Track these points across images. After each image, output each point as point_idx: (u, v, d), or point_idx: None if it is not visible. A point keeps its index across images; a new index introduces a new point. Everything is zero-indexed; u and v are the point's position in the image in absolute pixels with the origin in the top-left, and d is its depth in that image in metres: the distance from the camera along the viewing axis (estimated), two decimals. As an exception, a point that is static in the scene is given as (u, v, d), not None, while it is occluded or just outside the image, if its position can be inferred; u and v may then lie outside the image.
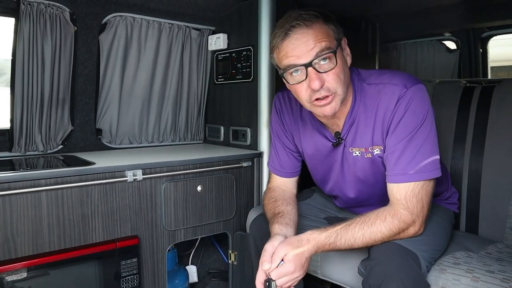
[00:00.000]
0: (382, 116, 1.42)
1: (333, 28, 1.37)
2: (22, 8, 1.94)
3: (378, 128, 1.44)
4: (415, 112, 1.36)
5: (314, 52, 1.32)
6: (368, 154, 1.49)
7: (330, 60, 1.34)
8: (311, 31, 1.33)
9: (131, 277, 1.84)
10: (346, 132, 1.52)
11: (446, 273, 1.39)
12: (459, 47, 3.29)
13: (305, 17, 1.33)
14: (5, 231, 1.55)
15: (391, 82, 1.41)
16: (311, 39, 1.33)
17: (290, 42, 1.34)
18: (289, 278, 1.32)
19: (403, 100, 1.37)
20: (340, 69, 1.36)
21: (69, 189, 1.68)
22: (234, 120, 2.51)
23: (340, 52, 1.38)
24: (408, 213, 1.34)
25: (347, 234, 1.34)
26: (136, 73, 2.41)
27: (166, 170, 1.92)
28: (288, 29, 1.34)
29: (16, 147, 2.06)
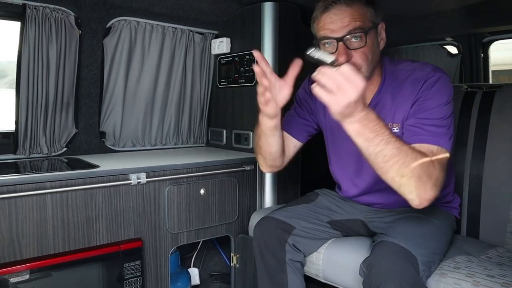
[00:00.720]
0: (408, 96, 1.50)
1: (371, 11, 1.46)
2: (28, 12, 1.96)
3: (401, 106, 1.52)
4: (440, 90, 1.44)
5: (348, 29, 1.42)
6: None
7: (361, 39, 1.43)
8: (349, 10, 1.43)
9: (134, 279, 1.86)
10: (373, 106, 1.57)
11: (446, 277, 1.41)
12: (460, 52, 3.30)
13: None
14: (10, 233, 1.57)
15: (421, 69, 1.51)
16: (348, 17, 1.42)
17: (328, 16, 1.45)
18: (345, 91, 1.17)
19: (431, 80, 1.46)
20: (369, 49, 1.45)
21: (73, 191, 1.69)
22: (236, 124, 2.52)
23: (373, 34, 1.47)
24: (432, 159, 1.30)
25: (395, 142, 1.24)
26: (139, 76, 2.43)
27: (169, 174, 1.94)
28: (330, 4, 1.44)
29: (21, 150, 2.08)
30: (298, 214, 1.75)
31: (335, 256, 1.71)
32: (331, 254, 1.73)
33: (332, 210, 1.86)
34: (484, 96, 1.98)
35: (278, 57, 2.28)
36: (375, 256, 1.35)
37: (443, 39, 3.37)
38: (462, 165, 1.95)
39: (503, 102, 1.91)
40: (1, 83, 3.93)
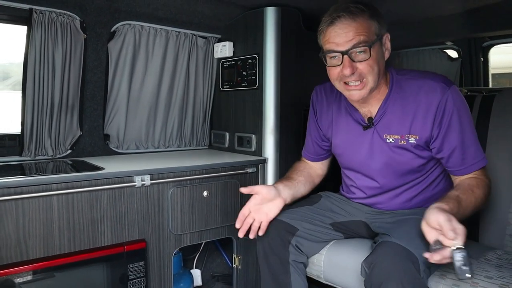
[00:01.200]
0: (425, 108, 1.56)
1: (376, 24, 1.52)
2: (34, 16, 1.99)
3: (418, 118, 1.58)
4: (461, 110, 1.54)
5: (352, 43, 1.49)
6: (403, 141, 1.61)
7: (365, 52, 1.50)
8: (354, 24, 1.48)
9: (138, 280, 1.88)
10: (379, 119, 1.64)
11: (446, 279, 1.43)
12: (460, 56, 3.33)
13: (352, 10, 1.48)
14: (17, 234, 1.59)
15: (431, 79, 1.57)
16: (352, 31, 1.48)
17: (333, 30, 1.51)
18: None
19: (450, 98, 1.52)
20: (374, 61, 1.51)
21: (79, 193, 1.72)
22: (239, 127, 2.55)
23: (378, 46, 1.53)
24: (487, 180, 1.58)
25: (468, 198, 1.47)
26: (143, 80, 2.46)
27: (173, 176, 1.97)
28: (335, 18, 1.49)
29: (26, 152, 2.10)
30: (301, 216, 1.78)
31: (336, 258, 1.74)
32: (332, 256, 1.75)
33: (335, 212, 1.88)
34: (483, 100, 2.00)
35: (280, 62, 2.31)
36: (377, 255, 1.37)
37: (444, 43, 3.40)
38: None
39: (502, 106, 1.93)
40: (4, 85, 3.97)
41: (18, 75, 3.52)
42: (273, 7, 2.29)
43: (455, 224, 1.25)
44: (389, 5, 2.40)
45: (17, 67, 3.63)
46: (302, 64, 2.42)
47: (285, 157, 2.35)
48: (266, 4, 2.30)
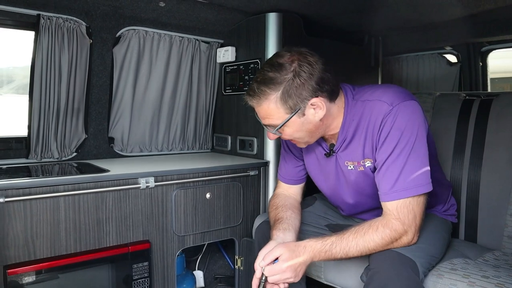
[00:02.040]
0: (371, 131, 1.49)
1: (289, 103, 1.41)
2: (42, 22, 2.04)
3: (368, 142, 1.51)
4: (399, 129, 1.41)
5: (263, 121, 1.51)
6: (360, 167, 1.56)
7: (278, 129, 1.48)
8: (258, 108, 1.47)
9: (142, 280, 1.92)
10: (339, 146, 1.59)
11: (443, 278, 1.46)
12: (459, 61, 3.36)
13: (257, 93, 1.42)
14: (25, 234, 1.63)
15: (380, 99, 1.47)
16: (260, 113, 1.49)
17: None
18: (280, 277, 1.40)
19: (389, 117, 1.42)
20: (292, 131, 1.49)
21: (85, 195, 1.76)
22: (241, 130, 2.59)
23: (294, 120, 1.45)
24: (400, 223, 1.39)
25: (341, 243, 1.40)
26: (147, 84, 2.50)
27: (177, 178, 2.00)
28: (247, 93, 1.48)
29: (33, 154, 2.15)
30: None
31: (336, 258, 1.77)
32: (332, 256, 1.78)
33: (329, 214, 1.92)
34: (481, 104, 2.04)
35: (281, 66, 2.34)
36: (374, 263, 1.40)
37: (443, 48, 3.43)
38: (460, 171, 2.01)
39: (499, 109, 1.97)
40: (7, 89, 4.01)
41: (21, 79, 3.56)
42: (274, 13, 2.33)
43: (268, 257, 1.42)
44: (389, 11, 2.44)
45: (20, 71, 3.67)
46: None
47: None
48: (268, 10, 2.34)
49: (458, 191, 1.99)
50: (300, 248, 1.42)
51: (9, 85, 4.00)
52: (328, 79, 1.44)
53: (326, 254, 1.41)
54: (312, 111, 1.45)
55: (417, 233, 1.43)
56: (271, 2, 2.22)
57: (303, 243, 1.44)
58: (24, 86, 3.19)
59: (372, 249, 1.40)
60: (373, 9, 2.41)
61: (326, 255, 1.41)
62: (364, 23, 2.77)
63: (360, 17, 2.60)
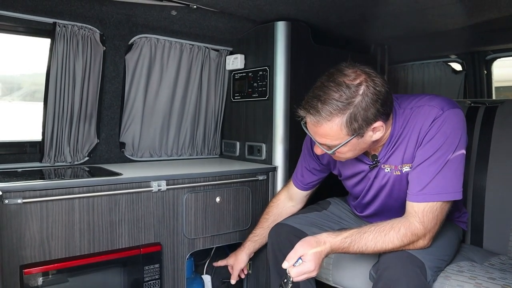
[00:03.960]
0: (416, 134, 1.49)
1: (353, 126, 1.38)
2: (58, 30, 2.10)
3: (410, 146, 1.52)
4: (445, 135, 1.43)
5: (317, 140, 1.48)
6: (397, 171, 1.57)
7: (332, 150, 1.47)
8: (316, 129, 1.44)
9: (153, 282, 1.95)
10: (383, 156, 1.59)
11: (450, 280, 1.49)
12: (464, 69, 3.40)
13: (322, 113, 1.37)
14: (41, 234, 1.67)
15: (429, 104, 1.49)
16: (317, 133, 1.45)
17: (307, 117, 1.45)
18: (307, 275, 1.43)
19: (437, 121, 1.44)
20: (346, 150, 1.47)
21: (99, 197, 1.80)
22: (249, 136, 2.63)
23: (352, 142, 1.43)
24: (422, 227, 1.42)
25: (360, 241, 1.44)
26: (158, 90, 2.55)
27: (188, 182, 2.04)
28: (307, 110, 1.42)
29: (46, 158, 2.19)
30: (310, 222, 1.84)
31: (344, 261, 1.80)
32: (340, 259, 1.81)
33: (343, 219, 1.95)
34: (486, 111, 2.08)
35: (290, 74, 2.39)
36: (384, 261, 1.43)
37: (448, 57, 3.47)
38: (466, 177, 2.01)
39: (504, 116, 2.01)
40: (15, 96, 4.07)
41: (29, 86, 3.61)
42: (283, 22, 2.38)
43: (291, 258, 1.44)
44: (394, 20, 2.49)
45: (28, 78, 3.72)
46: (311, 76, 2.46)
47: (294, 165, 2.38)
48: (277, 19, 2.39)
49: (464, 197, 2.00)
50: (320, 242, 1.45)
51: (17, 92, 4.07)
52: (390, 101, 1.44)
53: (343, 250, 1.46)
54: (371, 133, 1.44)
55: (432, 239, 1.46)
56: (280, 11, 2.27)
57: (323, 238, 1.46)
58: (31, 93, 3.25)
59: (389, 250, 1.43)
60: (379, 18, 2.45)
61: (343, 250, 1.46)
62: (370, 32, 2.82)
63: (366, 26, 2.64)
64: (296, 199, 2.02)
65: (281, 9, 2.23)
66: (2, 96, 3.96)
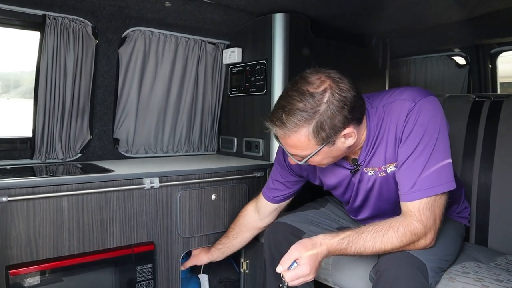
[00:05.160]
0: (393, 132, 1.43)
1: (321, 135, 1.33)
2: (48, 22, 2.03)
3: (390, 145, 1.45)
4: (423, 126, 1.37)
5: (288, 150, 1.42)
6: (382, 172, 1.51)
7: (305, 160, 1.41)
8: (285, 141, 1.38)
9: (146, 282, 1.89)
10: (363, 159, 1.53)
11: (455, 282, 1.42)
12: (468, 63, 3.33)
13: (287, 126, 1.32)
14: (28, 234, 1.61)
15: (400, 98, 1.43)
16: (286, 145, 1.40)
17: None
18: (303, 279, 1.37)
19: (412, 114, 1.38)
20: (319, 159, 1.43)
21: (89, 195, 1.74)
22: (247, 132, 2.57)
23: (323, 150, 1.38)
24: (421, 226, 1.35)
25: (358, 242, 1.37)
26: (153, 85, 2.49)
27: (182, 179, 1.98)
28: (273, 121, 1.37)
29: (37, 155, 2.13)
30: (307, 219, 1.78)
31: (344, 261, 1.73)
32: (340, 259, 1.74)
33: (341, 217, 1.89)
34: (492, 106, 2.00)
35: (288, 67, 2.33)
36: (384, 262, 1.37)
37: (451, 50, 3.40)
38: (470, 174, 1.96)
39: (510, 111, 1.93)
40: (14, 93, 4.03)
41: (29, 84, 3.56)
42: (281, 14, 2.32)
43: (285, 261, 1.38)
44: (396, 13, 2.42)
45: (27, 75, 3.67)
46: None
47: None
48: (275, 11, 2.32)
49: (468, 194, 1.94)
50: (316, 245, 1.39)
51: (16, 89, 4.03)
52: (359, 106, 1.38)
53: (341, 252, 1.39)
54: (343, 139, 1.39)
55: (435, 237, 1.39)
56: (278, 3, 2.21)
57: (319, 240, 1.40)
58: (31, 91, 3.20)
59: (388, 250, 1.36)
60: (381, 11, 2.39)
61: (340, 252, 1.39)
62: (371, 24, 2.75)
63: (367, 18, 2.58)
64: (264, 212, 1.93)
65: (279, 1, 2.18)
66: (1, 94, 3.93)
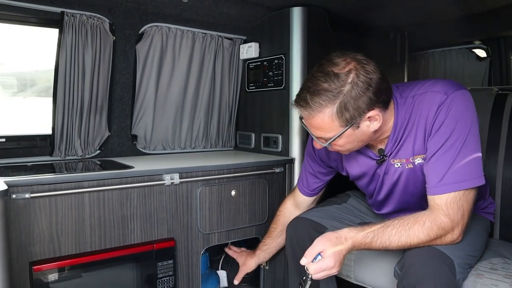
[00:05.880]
0: (423, 124, 1.41)
1: (345, 116, 1.33)
2: (66, 19, 2.03)
3: (419, 137, 1.43)
4: (454, 119, 1.34)
5: (313, 132, 1.43)
6: (409, 164, 1.48)
7: (328, 143, 1.41)
8: (310, 122, 1.39)
9: (167, 279, 1.89)
10: (390, 150, 1.51)
11: (483, 278, 1.39)
12: (489, 55, 3.26)
13: (311, 105, 1.33)
14: (50, 230, 1.62)
15: (432, 90, 1.40)
16: (311, 125, 1.40)
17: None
18: (327, 272, 1.36)
19: (443, 106, 1.36)
20: (344, 143, 1.41)
21: (110, 191, 1.74)
22: (265, 127, 2.55)
23: (347, 133, 1.37)
24: (448, 220, 1.33)
25: (383, 236, 1.35)
26: (170, 81, 2.48)
27: (201, 175, 1.97)
28: (297, 102, 1.38)
29: (57, 152, 2.14)
30: (330, 215, 1.76)
31: (366, 257, 1.71)
32: (362, 255, 1.72)
33: (363, 212, 1.86)
34: (516, 98, 1.96)
35: (307, 61, 2.30)
36: (410, 257, 1.34)
37: (472, 43, 3.33)
38: (494, 169, 1.92)
39: (535, 104, 1.89)
40: (30, 92, 4.07)
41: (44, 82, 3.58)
42: (299, 7, 2.29)
43: (310, 254, 1.37)
44: (415, 5, 2.37)
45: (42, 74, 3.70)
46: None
47: (311, 157, 2.33)
48: (292, 5, 2.29)
49: (492, 189, 1.91)
50: (341, 239, 1.37)
51: (32, 88, 4.07)
52: (385, 89, 1.36)
53: (365, 246, 1.38)
54: (368, 123, 1.37)
55: (463, 233, 1.36)
56: (295, -4, 2.18)
57: (344, 234, 1.39)
58: (46, 89, 3.22)
59: (414, 245, 1.34)
60: (399, 3, 2.35)
61: (365, 246, 1.38)
62: (390, 17, 2.70)
63: (386, 11, 2.54)
64: (303, 206, 1.95)
65: (296, -6, 2.14)
66: (17, 93, 3.97)
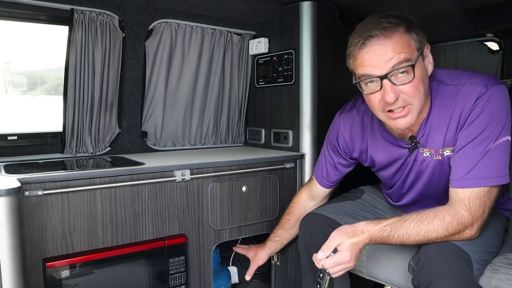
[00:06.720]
0: (457, 115, 1.37)
1: (415, 37, 1.32)
2: (76, 16, 2.03)
3: (451, 128, 1.40)
4: (490, 114, 1.31)
5: (391, 64, 1.29)
6: (437, 156, 1.45)
7: (408, 73, 1.30)
8: (390, 42, 1.29)
9: (179, 275, 1.89)
10: (421, 136, 1.47)
11: (499, 273, 1.37)
12: (502, 48, 3.21)
13: (385, 26, 1.29)
14: (63, 227, 1.62)
15: (470, 82, 1.36)
16: (389, 50, 1.29)
17: (366, 52, 1.31)
18: (343, 266, 1.34)
19: (481, 100, 1.32)
20: (419, 81, 1.32)
21: (121, 187, 1.74)
22: (275, 123, 2.53)
23: (420, 63, 1.32)
24: (469, 215, 1.31)
25: (401, 230, 1.33)
26: (179, 77, 2.47)
27: (212, 171, 1.96)
28: (366, 38, 1.30)
29: (68, 149, 2.15)
30: (343, 211, 1.75)
31: (379, 252, 1.69)
32: (376, 249, 1.71)
33: (378, 208, 1.84)
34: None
35: (317, 56, 2.28)
36: (427, 252, 1.32)
37: (484, 35, 3.28)
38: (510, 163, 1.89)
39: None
40: (40, 90, 4.10)
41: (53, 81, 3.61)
42: (308, 2, 2.27)
43: (327, 248, 1.36)
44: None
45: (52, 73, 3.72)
46: (339, 58, 2.35)
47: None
48: (301, -1, 2.28)
49: (509, 185, 1.87)
50: (358, 232, 1.36)
51: (41, 86, 4.10)
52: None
53: (382, 240, 1.36)
54: (427, 60, 1.37)
55: (480, 229, 1.34)
56: (305, -10, 2.16)
57: (360, 226, 1.37)
58: (56, 87, 3.24)
59: (432, 240, 1.32)
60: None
61: (382, 240, 1.36)
62: (400, 10, 2.67)
63: (396, 4, 2.50)
64: (319, 198, 1.93)
65: (306, -12, 2.12)
66: (26, 91, 4.00)
